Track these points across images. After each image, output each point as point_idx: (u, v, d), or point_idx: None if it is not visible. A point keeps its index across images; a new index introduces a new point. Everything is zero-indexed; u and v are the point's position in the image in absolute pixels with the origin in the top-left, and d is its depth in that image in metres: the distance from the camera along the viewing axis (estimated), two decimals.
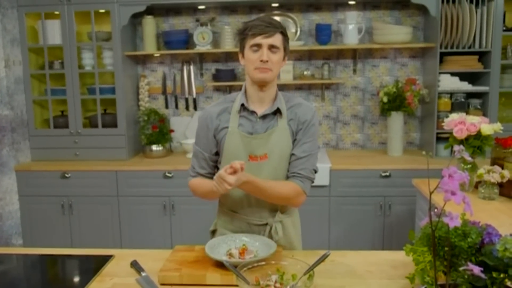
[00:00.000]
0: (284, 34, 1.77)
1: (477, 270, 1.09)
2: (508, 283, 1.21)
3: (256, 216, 1.86)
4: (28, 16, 3.80)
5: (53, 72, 3.85)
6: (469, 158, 1.13)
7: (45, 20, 3.75)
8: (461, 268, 1.18)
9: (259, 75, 1.74)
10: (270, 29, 1.71)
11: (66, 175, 3.70)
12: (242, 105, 1.80)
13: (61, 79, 3.87)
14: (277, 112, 1.81)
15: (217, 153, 1.87)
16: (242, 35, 1.77)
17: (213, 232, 2.01)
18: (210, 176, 1.88)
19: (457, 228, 1.25)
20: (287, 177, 1.83)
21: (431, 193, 1.09)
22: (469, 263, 1.13)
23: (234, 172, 1.59)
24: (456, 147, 1.12)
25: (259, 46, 1.72)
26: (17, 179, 3.74)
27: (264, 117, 1.80)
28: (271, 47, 1.72)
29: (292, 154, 1.82)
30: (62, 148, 3.87)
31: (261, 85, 1.78)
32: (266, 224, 1.85)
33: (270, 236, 1.84)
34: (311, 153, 1.82)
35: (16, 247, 3.67)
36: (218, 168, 1.90)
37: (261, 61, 1.71)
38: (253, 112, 1.80)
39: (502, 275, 1.20)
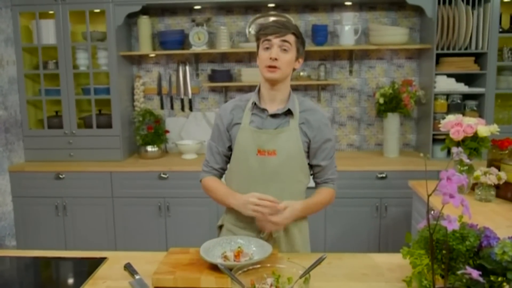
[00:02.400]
0: (297, 35, 1.81)
1: (475, 273, 1.08)
2: (507, 287, 1.19)
3: None
4: (22, 16, 3.77)
5: (47, 72, 3.83)
6: (467, 160, 1.12)
7: (40, 19, 3.72)
8: (459, 272, 1.17)
9: (267, 74, 1.79)
10: (282, 29, 1.77)
11: (60, 176, 3.67)
12: (254, 103, 1.87)
13: (56, 79, 3.84)
14: (289, 113, 1.86)
15: (230, 148, 1.94)
16: (257, 35, 1.84)
17: (220, 227, 2.04)
18: (222, 171, 1.99)
19: (455, 231, 1.24)
20: (317, 183, 1.96)
21: (429, 196, 1.07)
22: (467, 267, 1.12)
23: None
24: (455, 149, 1.10)
25: (270, 45, 1.78)
26: (11, 180, 3.71)
27: (274, 115, 1.86)
28: (283, 46, 1.77)
29: (317, 165, 1.91)
30: (56, 149, 3.84)
31: (272, 83, 1.83)
32: None
33: (270, 233, 1.85)
34: (332, 155, 1.94)
35: (10, 248, 3.64)
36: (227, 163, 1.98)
37: (270, 58, 1.76)
38: (264, 110, 1.86)
39: (500, 279, 1.19)
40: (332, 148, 1.93)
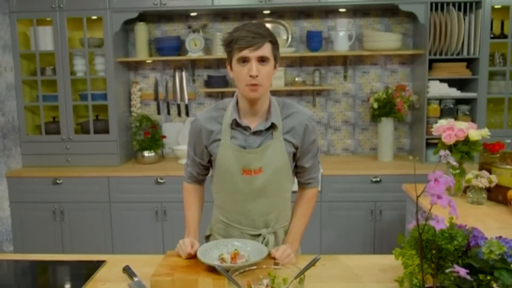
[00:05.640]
0: (273, 42, 1.66)
1: (463, 272, 1.12)
2: (494, 285, 1.23)
3: (250, 226, 1.85)
4: (20, 23, 3.80)
5: (45, 78, 3.85)
6: (454, 163, 1.16)
7: (37, 26, 3.75)
8: (448, 270, 1.21)
9: (249, 94, 1.66)
10: (257, 40, 1.60)
11: (58, 181, 3.69)
12: (235, 120, 1.74)
13: (53, 85, 3.87)
14: (271, 126, 1.75)
15: (209, 161, 1.88)
16: (228, 47, 1.66)
17: (208, 237, 2.02)
18: (202, 177, 1.98)
19: (444, 231, 1.28)
20: (300, 183, 1.92)
21: (418, 196, 1.11)
22: (455, 266, 1.16)
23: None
24: (442, 152, 1.15)
25: (247, 59, 1.62)
26: (8, 186, 3.72)
27: (257, 132, 1.75)
28: (260, 59, 1.62)
29: (302, 167, 1.85)
30: (54, 154, 3.86)
31: (253, 101, 1.71)
32: (260, 234, 1.85)
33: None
34: (316, 153, 1.86)
35: (7, 254, 3.65)
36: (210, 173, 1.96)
37: (251, 76, 1.61)
38: (246, 127, 1.75)
39: (488, 277, 1.23)
40: (316, 147, 1.83)
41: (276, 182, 1.80)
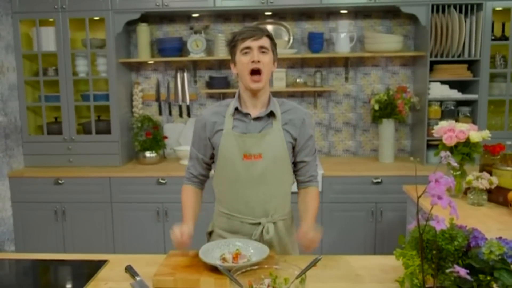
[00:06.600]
0: (271, 38, 1.86)
1: (463, 272, 1.13)
2: (494, 285, 1.24)
3: (250, 215, 1.90)
4: (23, 23, 3.81)
5: (47, 79, 3.87)
6: (454, 164, 1.17)
7: (40, 27, 3.76)
8: (448, 271, 1.21)
9: (253, 84, 1.82)
10: (257, 32, 1.82)
11: (60, 181, 3.70)
12: (236, 108, 1.88)
13: (55, 86, 3.88)
14: (271, 115, 1.88)
15: (211, 157, 1.95)
16: (232, 42, 1.86)
17: (210, 234, 2.06)
18: (203, 178, 2.03)
19: (444, 232, 1.29)
20: (301, 182, 1.98)
21: (418, 197, 1.12)
22: (456, 266, 1.17)
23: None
24: (443, 153, 1.16)
25: (249, 48, 1.81)
26: (10, 186, 3.74)
27: (257, 118, 1.88)
28: (261, 48, 1.81)
29: (302, 162, 1.94)
30: (56, 155, 3.87)
31: (254, 92, 1.86)
32: (259, 223, 1.89)
33: (261, 236, 1.88)
34: (314, 151, 1.97)
35: (9, 253, 3.66)
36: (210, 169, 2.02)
37: (253, 61, 1.79)
38: (246, 114, 1.88)
39: (488, 278, 1.24)
40: (314, 144, 1.96)
41: (275, 171, 1.88)
